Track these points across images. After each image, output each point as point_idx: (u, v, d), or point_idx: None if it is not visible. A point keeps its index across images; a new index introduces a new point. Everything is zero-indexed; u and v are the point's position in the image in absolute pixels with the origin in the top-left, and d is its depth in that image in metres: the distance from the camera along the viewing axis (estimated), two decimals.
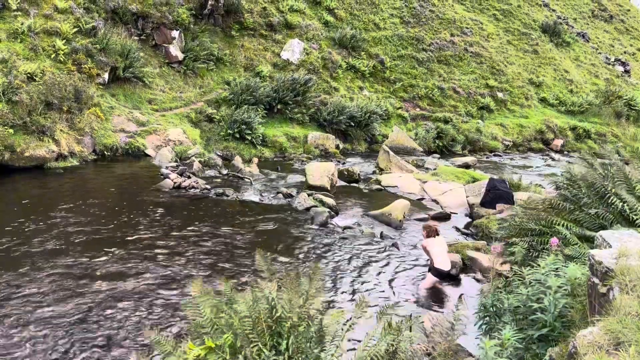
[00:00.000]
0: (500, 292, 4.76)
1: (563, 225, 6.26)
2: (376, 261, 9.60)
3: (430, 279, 8.65)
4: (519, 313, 4.30)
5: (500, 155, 25.79)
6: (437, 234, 8.93)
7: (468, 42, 32.37)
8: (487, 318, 4.80)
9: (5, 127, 13.67)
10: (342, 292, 8.27)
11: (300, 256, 9.65)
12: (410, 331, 4.81)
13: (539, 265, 4.36)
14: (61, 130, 15.26)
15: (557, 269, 4.25)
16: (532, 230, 6.83)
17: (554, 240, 4.90)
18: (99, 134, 16.47)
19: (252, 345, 3.44)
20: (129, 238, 9.78)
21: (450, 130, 25.46)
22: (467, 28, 33.43)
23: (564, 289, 4.03)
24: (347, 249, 10.22)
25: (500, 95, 30.37)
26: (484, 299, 4.77)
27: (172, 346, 3.77)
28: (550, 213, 6.83)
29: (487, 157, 25.11)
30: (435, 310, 7.60)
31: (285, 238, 10.60)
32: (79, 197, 12.19)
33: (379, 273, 9.12)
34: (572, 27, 42.38)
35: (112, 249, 9.13)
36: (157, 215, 11.31)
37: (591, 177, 6.77)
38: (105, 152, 16.31)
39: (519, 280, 4.49)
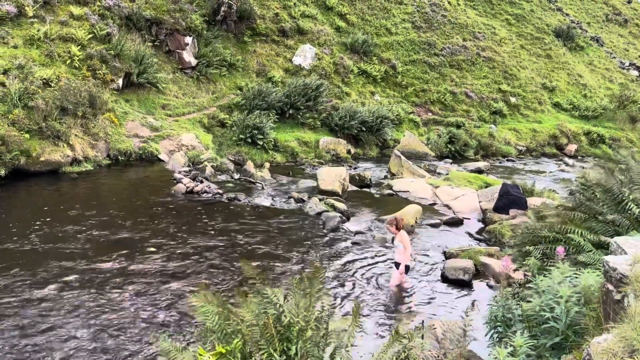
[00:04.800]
0: (511, 302, 4.71)
1: (577, 232, 6.18)
2: (390, 267, 9.55)
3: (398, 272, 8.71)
4: (531, 321, 4.26)
5: (513, 160, 25.59)
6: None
7: (480, 46, 32.24)
8: (498, 327, 4.75)
9: (21, 132, 13.87)
10: (352, 297, 8.24)
11: (311, 261, 9.64)
12: (422, 339, 4.78)
13: (549, 274, 4.31)
14: (76, 135, 15.44)
15: (568, 277, 4.20)
16: (545, 238, 6.76)
17: (560, 249, 4.84)
18: (113, 139, 16.64)
19: (261, 352, 3.45)
20: (142, 242, 9.85)
21: (462, 135, 25.33)
22: (479, 33, 33.30)
23: (576, 297, 3.98)
24: (359, 253, 10.19)
25: (513, 99, 30.17)
26: (494, 308, 4.71)
27: (181, 352, 3.79)
28: (564, 220, 6.75)
29: (500, 162, 24.93)
30: (447, 316, 7.54)
31: (297, 243, 10.60)
32: (93, 202, 12.31)
33: (390, 278, 9.08)
34: (586, 31, 42.03)
35: (126, 252, 9.20)
36: (170, 219, 11.38)
37: (607, 183, 6.68)
38: (119, 157, 16.47)
39: (532, 288, 4.44)
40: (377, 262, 9.75)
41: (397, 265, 8.72)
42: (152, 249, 9.51)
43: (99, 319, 6.89)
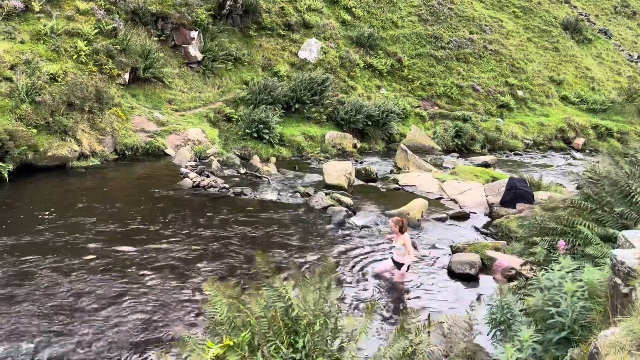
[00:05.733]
0: (510, 300, 4.68)
1: (584, 225, 6.15)
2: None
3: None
4: (536, 316, 4.25)
5: (520, 154, 25.47)
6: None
7: (487, 39, 32.03)
8: (500, 326, 4.75)
9: (29, 127, 13.95)
10: (360, 291, 8.26)
11: (318, 255, 9.66)
12: (429, 335, 4.79)
13: (552, 269, 4.29)
14: (83, 130, 15.52)
15: (570, 272, 4.18)
16: (552, 230, 6.73)
17: (562, 243, 4.81)
18: (119, 134, 16.70)
19: (269, 344, 3.46)
20: (148, 235, 9.91)
21: (469, 129, 25.22)
22: (486, 25, 33.08)
23: (581, 292, 3.96)
24: (365, 248, 10.20)
25: (520, 93, 29.99)
26: (493, 309, 4.69)
27: (191, 344, 3.81)
28: (572, 212, 6.72)
29: (507, 156, 24.82)
30: (453, 311, 7.55)
31: (303, 237, 10.62)
32: (101, 196, 12.39)
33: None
34: (594, 23, 41.64)
35: (133, 247, 9.26)
36: (176, 213, 11.43)
37: (615, 175, 6.64)
38: (126, 152, 16.54)
39: (536, 283, 4.43)
40: (384, 257, 9.76)
41: (397, 264, 8.68)
42: (157, 242, 9.57)
43: (123, 303, 6.96)
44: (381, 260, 9.57)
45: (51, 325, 6.55)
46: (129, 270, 8.36)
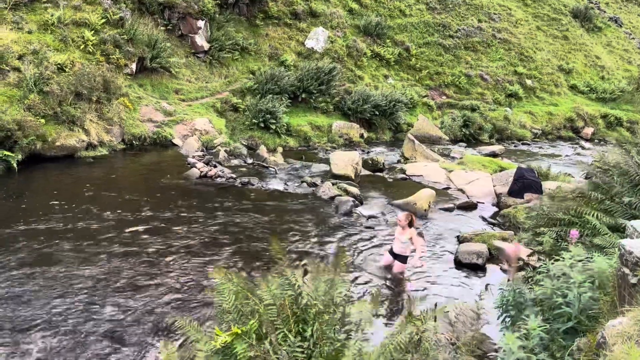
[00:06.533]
0: (522, 286, 4.68)
1: (593, 215, 6.13)
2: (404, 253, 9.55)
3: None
4: (544, 305, 4.24)
5: (528, 144, 25.30)
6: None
7: (496, 28, 31.72)
8: (510, 311, 4.75)
9: (37, 117, 14.02)
10: (366, 281, 8.29)
11: (325, 245, 9.69)
12: (435, 321, 4.80)
13: (563, 258, 4.28)
14: (91, 120, 15.58)
15: (581, 261, 4.17)
16: (560, 220, 6.71)
17: (574, 233, 4.79)
18: (127, 124, 16.75)
19: (277, 332, 3.49)
20: (157, 224, 9.98)
21: (477, 119, 25.07)
22: (495, 14, 32.75)
23: (589, 282, 3.95)
24: (372, 238, 10.22)
25: (529, 82, 29.73)
26: (505, 292, 4.70)
27: (198, 332, 3.85)
28: (580, 202, 6.69)
29: (515, 146, 24.67)
30: (460, 300, 7.56)
31: (310, 227, 10.65)
32: (110, 186, 12.47)
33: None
34: (604, 11, 41.08)
35: (148, 234, 9.34)
36: (184, 203, 11.49)
37: (625, 165, 6.59)
38: (133, 142, 16.60)
39: (544, 272, 4.42)
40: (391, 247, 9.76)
41: (397, 257, 8.60)
42: (166, 231, 9.64)
43: (149, 285, 7.07)
44: (382, 244, 9.57)
45: (80, 304, 6.88)
46: (147, 255, 8.61)
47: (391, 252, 8.70)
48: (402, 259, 8.55)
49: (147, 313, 6.82)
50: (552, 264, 4.29)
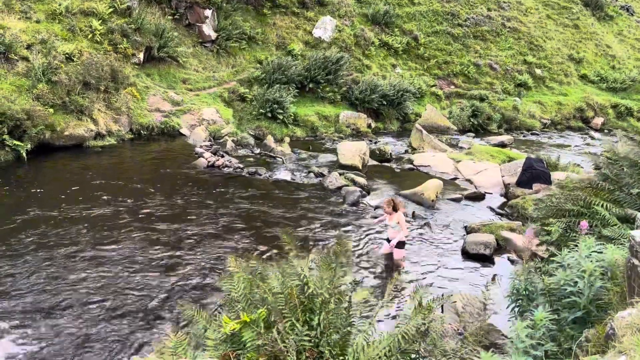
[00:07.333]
0: (534, 275, 4.67)
1: (602, 206, 6.08)
2: (408, 240, 9.55)
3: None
4: (553, 295, 4.23)
5: (537, 134, 25.11)
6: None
7: (505, 16, 31.38)
8: (520, 301, 4.74)
9: (46, 107, 14.07)
10: (372, 271, 8.31)
11: (332, 234, 9.70)
12: (442, 311, 4.80)
13: (576, 247, 4.26)
14: (99, 109, 15.63)
15: (593, 251, 4.14)
16: (569, 211, 6.67)
17: (584, 224, 4.76)
18: (135, 114, 16.79)
19: (285, 320, 3.51)
20: (165, 213, 10.03)
21: (485, 108, 24.88)
22: (504, 2, 32.37)
23: (600, 272, 3.93)
24: (378, 228, 10.21)
25: (538, 71, 29.44)
26: (516, 281, 4.69)
27: (207, 320, 3.88)
28: (589, 193, 6.64)
29: (524, 136, 24.50)
30: (467, 290, 7.56)
31: (317, 216, 10.66)
32: (118, 175, 12.53)
33: (411, 252, 9.10)
34: (616, 0, 40.48)
35: (161, 222, 9.40)
36: (192, 192, 11.54)
37: (635, 156, 6.53)
38: (141, 131, 16.65)
39: (555, 262, 4.40)
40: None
41: (397, 244, 8.64)
42: (174, 220, 9.69)
43: (119, 279, 7.13)
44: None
45: (101, 283, 7.18)
46: (162, 240, 8.75)
47: (388, 240, 8.75)
48: (400, 244, 8.57)
49: (166, 292, 7.03)
50: (566, 254, 4.26)
